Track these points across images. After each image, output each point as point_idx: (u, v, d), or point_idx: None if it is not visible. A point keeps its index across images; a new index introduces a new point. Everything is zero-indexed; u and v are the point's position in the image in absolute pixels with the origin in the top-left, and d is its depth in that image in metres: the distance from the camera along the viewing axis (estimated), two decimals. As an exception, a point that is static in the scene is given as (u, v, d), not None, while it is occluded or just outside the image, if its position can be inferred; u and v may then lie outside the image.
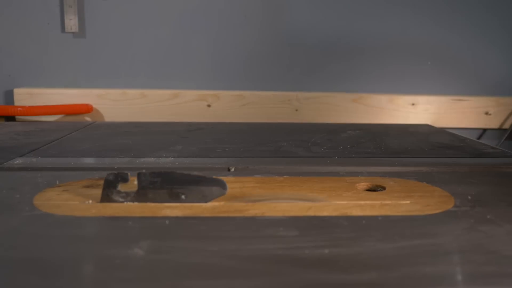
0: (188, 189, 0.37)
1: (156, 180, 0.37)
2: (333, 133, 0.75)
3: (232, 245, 0.29)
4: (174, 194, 0.37)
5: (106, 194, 0.37)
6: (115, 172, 0.37)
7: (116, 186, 0.37)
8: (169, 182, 0.37)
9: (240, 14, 1.15)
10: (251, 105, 1.14)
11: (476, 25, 1.18)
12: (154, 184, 0.37)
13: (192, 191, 0.37)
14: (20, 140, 0.65)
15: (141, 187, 0.37)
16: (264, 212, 0.35)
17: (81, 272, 0.26)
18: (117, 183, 0.37)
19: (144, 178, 0.37)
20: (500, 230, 0.32)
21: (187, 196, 0.37)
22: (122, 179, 0.37)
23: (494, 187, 0.43)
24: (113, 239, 0.30)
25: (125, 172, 0.37)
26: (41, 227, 0.32)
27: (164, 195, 0.37)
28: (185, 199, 0.37)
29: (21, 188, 0.40)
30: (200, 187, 0.37)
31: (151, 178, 0.37)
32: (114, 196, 0.37)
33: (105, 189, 0.37)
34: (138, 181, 0.37)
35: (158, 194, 0.37)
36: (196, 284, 0.24)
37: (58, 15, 1.12)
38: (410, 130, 0.81)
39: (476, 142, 0.70)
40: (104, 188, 0.37)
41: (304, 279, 0.25)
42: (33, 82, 1.14)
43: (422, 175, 0.47)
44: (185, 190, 0.37)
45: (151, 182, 0.37)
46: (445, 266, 0.27)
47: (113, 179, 0.37)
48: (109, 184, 0.37)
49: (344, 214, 0.35)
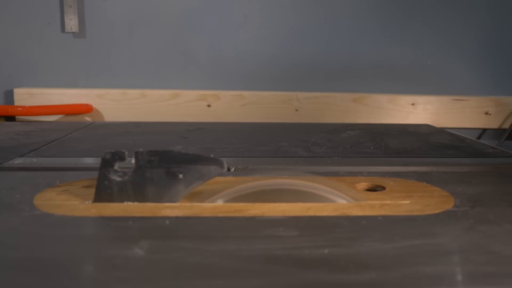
0: (186, 168, 0.37)
1: (154, 159, 0.36)
2: (333, 133, 0.75)
3: (232, 245, 0.29)
4: (172, 173, 0.36)
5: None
6: (112, 151, 0.36)
7: (114, 165, 0.36)
8: (166, 161, 0.36)
9: (240, 14, 1.15)
10: (251, 105, 1.14)
11: (476, 25, 1.18)
12: (151, 163, 0.36)
13: (190, 170, 0.37)
14: (20, 140, 0.65)
15: (139, 166, 0.36)
16: (264, 212, 0.35)
17: (81, 272, 0.26)
18: (114, 162, 0.36)
19: (142, 157, 0.36)
20: (500, 230, 0.32)
21: (185, 175, 0.36)
22: (120, 157, 0.36)
23: (494, 187, 0.43)
24: (113, 239, 0.30)
25: (122, 151, 0.36)
26: (41, 227, 0.32)
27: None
28: (182, 178, 0.36)
29: (21, 188, 0.40)
30: (198, 166, 0.37)
31: (148, 157, 0.36)
32: (110, 179, 0.36)
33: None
34: (135, 160, 0.36)
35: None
36: (196, 284, 0.24)
37: (58, 15, 1.12)
38: (410, 130, 0.81)
39: (476, 142, 0.70)
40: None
41: (304, 279, 0.25)
42: (33, 82, 1.14)
43: (422, 175, 0.47)
44: (183, 169, 0.37)
45: (149, 161, 0.36)
46: (445, 266, 0.27)
47: (110, 158, 0.36)
48: (106, 163, 0.36)
49: (344, 214, 0.35)
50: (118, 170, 0.37)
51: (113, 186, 0.37)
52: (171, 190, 0.37)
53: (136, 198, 0.37)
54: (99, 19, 1.13)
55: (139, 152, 0.36)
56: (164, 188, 0.37)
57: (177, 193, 0.37)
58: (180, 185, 0.37)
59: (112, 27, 1.13)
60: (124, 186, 0.37)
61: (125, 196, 0.37)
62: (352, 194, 0.39)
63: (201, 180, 0.37)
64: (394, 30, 1.17)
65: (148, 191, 0.37)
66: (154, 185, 0.37)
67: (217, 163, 0.37)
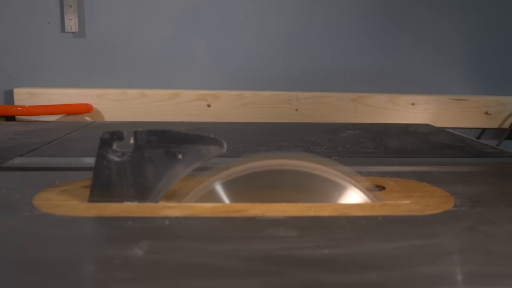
0: (185, 148, 0.36)
1: (153, 139, 0.36)
2: (333, 133, 0.75)
3: (232, 245, 0.29)
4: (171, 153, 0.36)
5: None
6: (111, 131, 0.36)
7: (112, 145, 0.36)
8: (165, 141, 0.36)
9: (240, 14, 1.15)
10: (251, 105, 1.14)
11: (475, 25, 1.18)
12: (150, 143, 0.36)
13: (189, 151, 0.36)
14: (20, 140, 0.65)
15: (137, 146, 0.36)
16: (264, 212, 0.35)
17: (81, 272, 0.26)
18: (113, 141, 0.36)
19: (141, 137, 0.36)
20: (500, 230, 0.32)
21: (184, 155, 0.36)
22: (118, 137, 0.36)
23: (494, 187, 0.43)
24: (113, 239, 0.30)
25: (121, 131, 0.36)
26: (41, 227, 0.32)
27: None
28: (182, 158, 0.36)
29: (21, 188, 0.40)
30: (198, 146, 0.36)
31: (147, 137, 0.36)
32: (109, 159, 0.36)
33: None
34: (134, 139, 0.36)
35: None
36: (196, 284, 0.24)
37: (58, 15, 1.12)
38: (410, 130, 0.81)
39: (476, 142, 0.70)
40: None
41: (304, 279, 0.25)
42: (33, 82, 1.14)
43: (422, 175, 0.47)
44: (182, 149, 0.36)
45: (148, 141, 0.36)
46: (445, 266, 0.27)
47: (108, 138, 0.36)
48: (105, 143, 0.36)
49: (344, 214, 0.35)
50: (117, 150, 0.36)
51: (111, 171, 0.36)
52: (170, 171, 0.36)
53: (135, 180, 0.36)
54: (99, 19, 1.13)
55: (138, 131, 0.36)
56: (163, 170, 0.36)
57: (176, 174, 0.36)
58: (180, 165, 0.36)
59: (112, 27, 1.13)
60: (122, 169, 0.36)
61: (124, 179, 0.36)
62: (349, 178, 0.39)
63: (201, 160, 0.36)
64: (395, 30, 1.17)
65: (147, 171, 0.36)
66: (153, 165, 0.36)
67: (216, 143, 0.36)
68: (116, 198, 0.36)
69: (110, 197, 0.36)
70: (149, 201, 0.36)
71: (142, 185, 0.36)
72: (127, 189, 0.36)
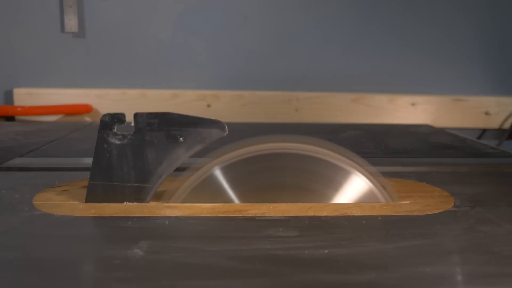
0: (186, 131, 0.36)
1: (154, 122, 0.36)
2: (333, 133, 0.75)
3: (232, 245, 0.29)
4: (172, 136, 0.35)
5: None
6: (111, 113, 0.35)
7: (113, 128, 0.36)
8: (166, 124, 0.36)
9: (240, 14, 1.15)
10: (251, 105, 1.14)
11: (476, 25, 1.18)
12: (151, 126, 0.35)
13: (190, 133, 0.36)
14: (20, 140, 0.65)
15: (138, 129, 0.36)
16: (264, 212, 0.35)
17: (81, 272, 0.26)
18: (113, 124, 0.36)
19: (141, 119, 0.36)
20: (500, 230, 0.32)
21: (185, 138, 0.36)
22: (119, 120, 0.36)
23: (494, 187, 0.43)
24: (113, 239, 0.30)
25: (121, 113, 0.35)
26: (41, 227, 0.32)
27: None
28: (183, 141, 0.36)
29: (20, 188, 0.40)
30: (199, 129, 0.36)
31: (148, 120, 0.36)
32: (109, 142, 0.36)
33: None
34: (135, 122, 0.35)
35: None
36: (196, 284, 0.24)
37: (58, 15, 1.12)
38: (410, 130, 0.81)
39: (476, 142, 0.70)
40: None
41: (304, 279, 0.25)
42: (33, 82, 1.14)
43: (422, 175, 0.47)
44: (183, 132, 0.36)
45: (148, 123, 0.36)
46: (445, 266, 0.27)
47: (109, 121, 0.35)
48: (106, 126, 0.35)
49: (344, 214, 0.35)
50: (117, 133, 0.36)
51: (111, 154, 0.36)
52: (172, 155, 0.36)
53: (136, 163, 0.36)
54: (99, 19, 1.13)
55: (139, 113, 0.35)
56: (164, 153, 0.36)
57: (177, 157, 0.36)
58: (181, 148, 0.36)
59: (112, 27, 1.13)
60: (123, 152, 0.36)
61: (125, 161, 0.36)
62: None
63: (202, 143, 0.36)
64: (395, 29, 1.17)
65: (149, 155, 0.36)
66: (153, 148, 0.36)
67: (218, 126, 0.36)
68: (117, 181, 0.36)
69: (111, 180, 0.36)
70: (149, 185, 0.36)
71: (142, 168, 0.36)
72: (128, 172, 0.36)
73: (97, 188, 0.36)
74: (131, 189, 0.36)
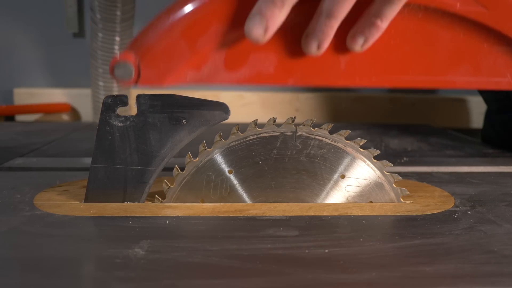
0: (189, 113, 0.36)
1: (156, 104, 0.35)
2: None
3: (232, 245, 0.29)
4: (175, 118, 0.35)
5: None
6: (114, 95, 0.35)
7: (115, 110, 0.35)
8: (169, 106, 0.35)
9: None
10: (251, 105, 1.14)
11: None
12: (154, 108, 0.35)
13: (193, 116, 0.36)
14: (20, 140, 0.65)
15: (141, 111, 0.35)
16: (264, 212, 0.35)
17: (81, 271, 0.26)
18: (116, 106, 0.35)
19: (144, 101, 0.35)
20: (500, 230, 0.32)
21: (188, 120, 0.35)
22: (122, 102, 0.35)
23: (494, 187, 0.43)
24: (113, 239, 0.30)
25: (124, 95, 0.35)
26: (42, 227, 0.32)
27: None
28: (186, 123, 0.35)
29: (21, 188, 0.40)
30: (202, 111, 0.36)
31: (150, 101, 0.35)
32: (111, 124, 0.35)
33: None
34: (137, 104, 0.35)
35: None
36: (197, 283, 0.24)
37: (58, 15, 1.12)
38: (410, 130, 0.81)
39: (476, 142, 0.70)
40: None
41: (305, 278, 0.25)
42: (33, 82, 1.14)
43: (422, 175, 0.47)
44: (187, 114, 0.36)
45: (151, 105, 0.35)
46: (445, 266, 0.27)
47: (111, 102, 0.35)
48: (108, 108, 0.35)
49: (344, 214, 0.35)
50: (120, 115, 0.35)
51: (114, 136, 0.35)
52: (175, 138, 0.36)
53: (138, 146, 0.35)
54: (99, 19, 1.13)
55: (141, 95, 0.35)
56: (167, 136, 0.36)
57: (180, 140, 0.36)
58: (184, 131, 0.36)
59: (112, 27, 1.13)
60: (125, 135, 0.36)
61: (127, 144, 0.35)
62: None
63: (205, 125, 0.36)
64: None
65: (151, 137, 0.35)
66: (156, 130, 0.35)
67: (221, 108, 0.36)
68: (119, 164, 0.36)
69: (113, 163, 0.36)
70: (151, 167, 0.36)
71: (145, 151, 0.36)
72: (130, 155, 0.36)
73: (99, 171, 0.36)
74: (133, 171, 0.36)
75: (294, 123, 0.37)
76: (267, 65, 0.34)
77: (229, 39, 0.33)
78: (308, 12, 0.32)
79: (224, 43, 0.33)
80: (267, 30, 0.31)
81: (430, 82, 0.34)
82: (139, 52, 0.33)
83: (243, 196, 0.37)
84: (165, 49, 0.33)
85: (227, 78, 0.34)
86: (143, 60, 0.33)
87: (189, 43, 0.33)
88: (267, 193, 0.37)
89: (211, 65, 0.34)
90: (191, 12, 0.33)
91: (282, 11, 0.31)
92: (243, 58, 0.33)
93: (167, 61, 0.33)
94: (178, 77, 0.34)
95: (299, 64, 0.33)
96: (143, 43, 0.33)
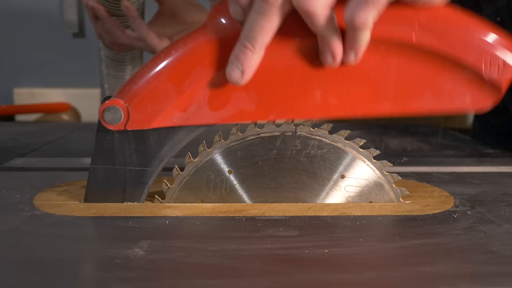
0: None
1: None
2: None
3: (232, 245, 0.29)
4: None
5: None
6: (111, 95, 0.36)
7: None
8: None
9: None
10: (251, 105, 1.14)
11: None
12: None
13: None
14: (20, 140, 0.65)
15: None
16: (264, 212, 0.35)
17: (81, 272, 0.26)
18: None
19: None
20: (500, 230, 0.32)
21: None
22: None
23: (494, 187, 0.43)
24: (113, 239, 0.30)
25: None
26: (41, 227, 0.32)
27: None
28: None
29: (21, 188, 0.40)
30: None
31: None
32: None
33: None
34: None
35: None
36: (197, 283, 0.24)
37: (58, 15, 1.12)
38: (410, 130, 0.81)
39: (476, 142, 0.70)
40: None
41: (304, 278, 0.25)
42: (33, 82, 1.14)
43: (422, 175, 0.47)
44: None
45: None
46: (445, 266, 0.27)
47: None
48: None
49: (344, 214, 0.35)
50: None
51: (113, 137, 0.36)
52: (174, 138, 0.36)
53: (138, 146, 0.36)
54: (99, 19, 1.13)
55: None
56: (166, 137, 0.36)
57: (179, 140, 0.36)
58: (183, 131, 0.36)
59: (112, 27, 1.13)
60: (125, 134, 0.35)
61: (127, 144, 0.36)
62: None
63: None
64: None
65: (150, 138, 0.36)
66: (155, 131, 0.36)
67: None
68: (118, 164, 0.36)
69: (112, 164, 0.36)
70: (151, 168, 0.36)
71: (144, 151, 0.36)
72: (129, 155, 0.36)
73: (98, 172, 0.36)
74: (133, 172, 0.36)
75: (293, 123, 0.37)
76: (249, 103, 0.35)
77: (212, 81, 0.35)
78: (283, 50, 0.34)
79: (207, 86, 0.35)
80: (243, 73, 0.33)
81: (398, 110, 0.36)
82: (128, 97, 0.35)
83: (243, 196, 0.37)
84: (152, 93, 0.34)
85: (212, 118, 0.35)
86: (131, 104, 0.34)
87: (175, 86, 0.34)
88: (267, 193, 0.37)
89: (196, 106, 0.35)
90: (176, 58, 0.34)
91: (255, 54, 0.32)
92: (225, 98, 0.35)
93: (155, 104, 0.35)
94: (166, 119, 0.35)
95: (278, 100, 0.35)
96: (131, 89, 0.35)
